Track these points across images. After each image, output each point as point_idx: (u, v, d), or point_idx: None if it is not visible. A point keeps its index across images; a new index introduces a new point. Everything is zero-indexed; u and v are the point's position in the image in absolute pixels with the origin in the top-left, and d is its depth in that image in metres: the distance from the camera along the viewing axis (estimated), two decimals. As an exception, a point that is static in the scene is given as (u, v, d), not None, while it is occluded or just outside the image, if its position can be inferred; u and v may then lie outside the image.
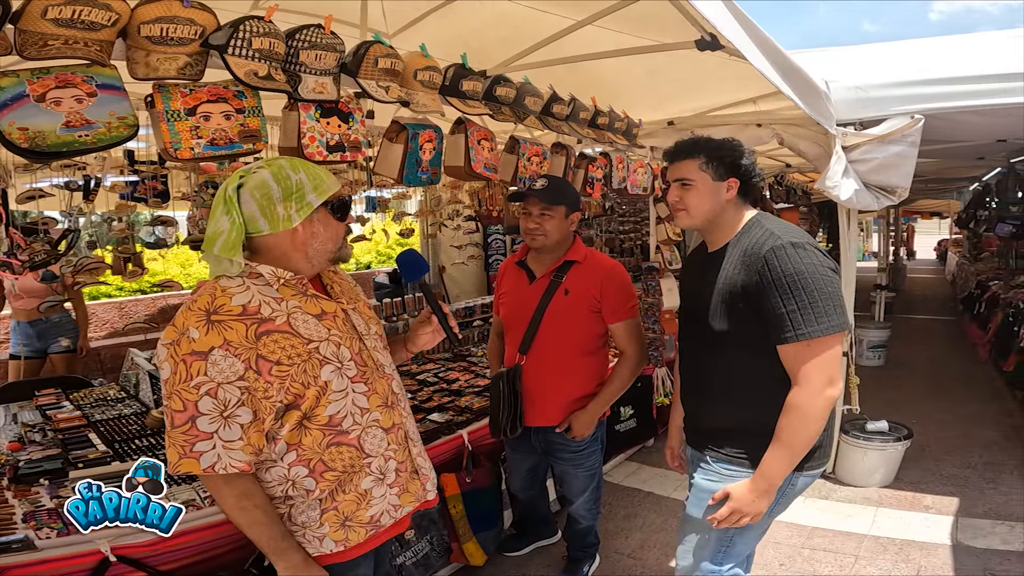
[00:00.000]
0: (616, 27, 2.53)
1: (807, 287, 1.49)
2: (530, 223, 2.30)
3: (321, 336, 1.39)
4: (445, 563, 2.69)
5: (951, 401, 4.96)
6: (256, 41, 1.47)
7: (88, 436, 2.67)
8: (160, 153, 1.49)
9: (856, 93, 3.09)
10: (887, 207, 3.31)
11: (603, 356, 2.45)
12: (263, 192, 1.33)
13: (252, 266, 1.37)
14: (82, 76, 1.29)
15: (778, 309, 1.52)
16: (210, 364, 1.24)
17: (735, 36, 1.93)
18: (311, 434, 1.38)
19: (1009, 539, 2.90)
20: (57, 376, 3.94)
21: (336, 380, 1.39)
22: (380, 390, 1.49)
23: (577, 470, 2.47)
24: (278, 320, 1.33)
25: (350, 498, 1.44)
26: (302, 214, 1.36)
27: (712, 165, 1.67)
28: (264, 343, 1.30)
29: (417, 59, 1.99)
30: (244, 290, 1.33)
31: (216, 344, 1.25)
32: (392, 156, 2.13)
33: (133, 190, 2.88)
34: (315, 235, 1.40)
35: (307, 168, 1.39)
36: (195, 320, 1.26)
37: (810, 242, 1.58)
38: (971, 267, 9.47)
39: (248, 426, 1.29)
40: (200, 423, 1.25)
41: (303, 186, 1.35)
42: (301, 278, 1.41)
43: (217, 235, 1.32)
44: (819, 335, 1.49)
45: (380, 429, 1.48)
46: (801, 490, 1.72)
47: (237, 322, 1.28)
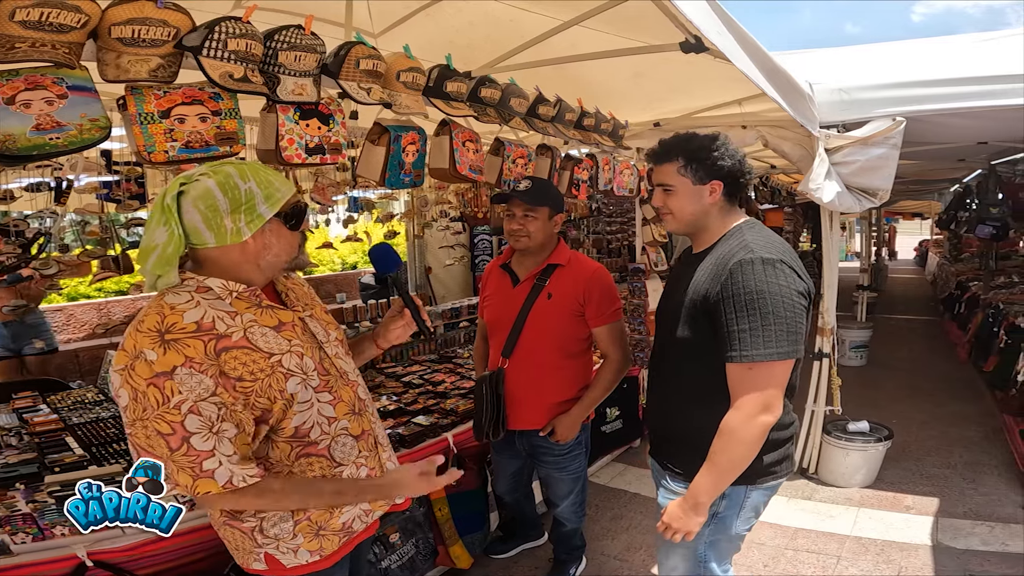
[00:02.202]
0: (602, 28, 2.51)
1: (763, 308, 1.45)
2: (513, 224, 2.30)
3: (282, 348, 1.32)
4: (431, 566, 2.68)
5: (932, 402, 5.03)
6: (232, 43, 1.44)
7: (65, 440, 2.62)
8: (134, 156, 1.45)
9: (839, 95, 3.11)
10: (869, 208, 3.33)
11: (587, 359, 2.45)
12: (208, 203, 1.22)
13: (199, 279, 1.28)
14: (52, 78, 1.25)
15: (731, 326, 1.48)
16: (179, 383, 1.16)
17: (719, 38, 1.92)
18: (278, 447, 1.34)
19: (989, 540, 2.93)
20: (35, 378, 3.87)
21: (301, 392, 1.33)
22: (346, 397, 1.45)
23: (561, 473, 2.47)
24: (235, 336, 1.25)
25: None
26: (253, 227, 1.26)
27: (691, 168, 1.61)
28: (224, 359, 1.22)
29: (400, 60, 1.97)
30: (194, 306, 1.24)
31: (178, 363, 1.17)
32: (374, 158, 2.10)
33: (109, 191, 2.83)
34: (267, 247, 1.32)
35: (257, 175, 1.28)
36: (148, 342, 1.17)
37: (786, 260, 1.52)
38: (951, 268, 9.61)
39: (235, 439, 1.23)
40: (195, 442, 1.17)
41: (253, 196, 1.25)
42: (254, 289, 1.34)
43: (151, 249, 1.23)
44: (762, 359, 1.45)
45: (350, 437, 1.44)
46: (759, 503, 1.69)
47: (194, 339, 1.20)
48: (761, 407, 1.48)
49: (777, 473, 1.66)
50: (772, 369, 1.47)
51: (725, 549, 1.77)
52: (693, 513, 1.59)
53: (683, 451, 1.67)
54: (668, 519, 1.63)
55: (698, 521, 1.60)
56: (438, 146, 2.37)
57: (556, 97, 2.82)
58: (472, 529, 2.77)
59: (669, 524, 1.62)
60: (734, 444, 1.51)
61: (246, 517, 1.36)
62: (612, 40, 2.63)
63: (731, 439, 1.51)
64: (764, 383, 1.47)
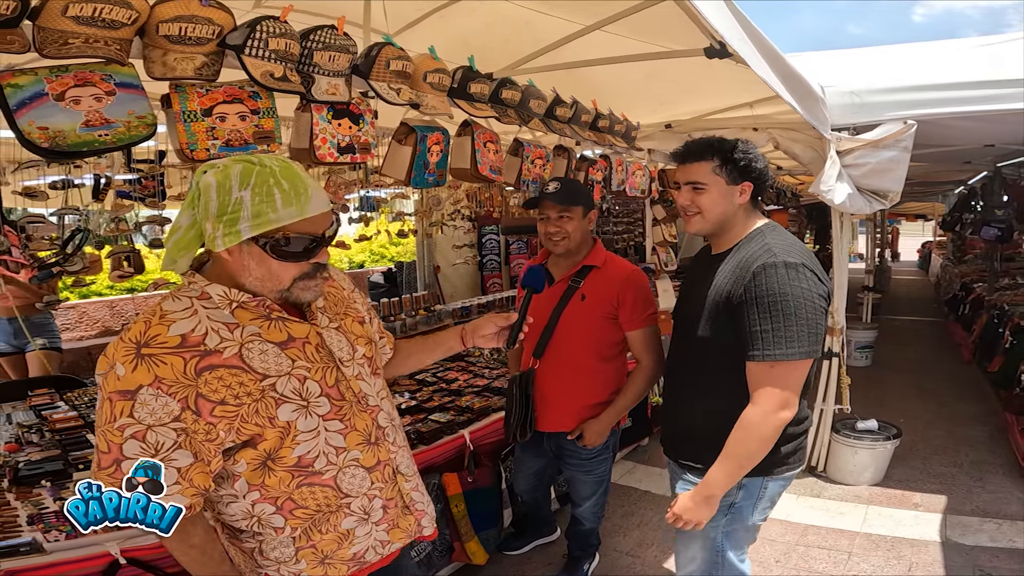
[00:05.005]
0: (621, 32, 2.53)
1: (785, 310, 1.49)
2: (550, 227, 2.25)
3: (280, 370, 1.20)
4: (447, 562, 2.70)
5: (937, 402, 5.06)
6: (273, 42, 1.47)
7: (86, 437, 2.64)
8: (176, 153, 1.48)
9: (851, 98, 3.14)
10: (879, 210, 3.37)
11: (619, 363, 2.39)
12: (204, 200, 1.12)
13: (203, 284, 1.19)
14: (100, 74, 1.28)
15: (753, 326, 1.52)
16: (138, 405, 1.08)
17: (740, 44, 1.96)
18: (276, 475, 1.23)
19: (997, 536, 2.96)
20: (49, 376, 3.89)
21: (302, 420, 1.22)
22: (360, 426, 1.32)
23: (587, 476, 2.46)
24: (226, 352, 1.15)
25: (329, 538, 1.31)
26: (227, 241, 1.11)
27: (726, 168, 1.64)
28: (205, 380, 1.12)
29: (427, 61, 2.00)
30: (190, 315, 1.15)
31: (145, 382, 1.08)
32: (400, 158, 2.13)
33: (132, 189, 2.86)
34: (246, 268, 1.17)
35: (263, 186, 1.11)
36: (123, 354, 1.09)
37: (807, 264, 1.56)
38: (955, 269, 9.62)
39: (187, 469, 1.13)
40: (124, 467, 1.08)
41: (240, 208, 1.10)
42: (262, 300, 1.20)
43: (175, 229, 1.17)
44: (784, 359, 1.49)
45: (361, 468, 1.32)
46: (775, 494, 1.73)
47: (173, 356, 1.10)
48: (780, 404, 1.52)
49: (792, 464, 1.71)
50: (792, 368, 1.52)
51: (741, 539, 1.81)
52: (705, 505, 1.62)
53: (705, 448, 1.69)
54: (679, 510, 1.66)
55: (709, 512, 1.63)
56: (460, 146, 2.40)
57: (572, 99, 2.85)
58: (487, 526, 2.78)
59: (680, 515, 1.66)
60: (751, 438, 1.55)
61: (245, 538, 1.30)
62: (630, 44, 2.66)
63: (749, 433, 1.55)
64: (784, 381, 1.52)
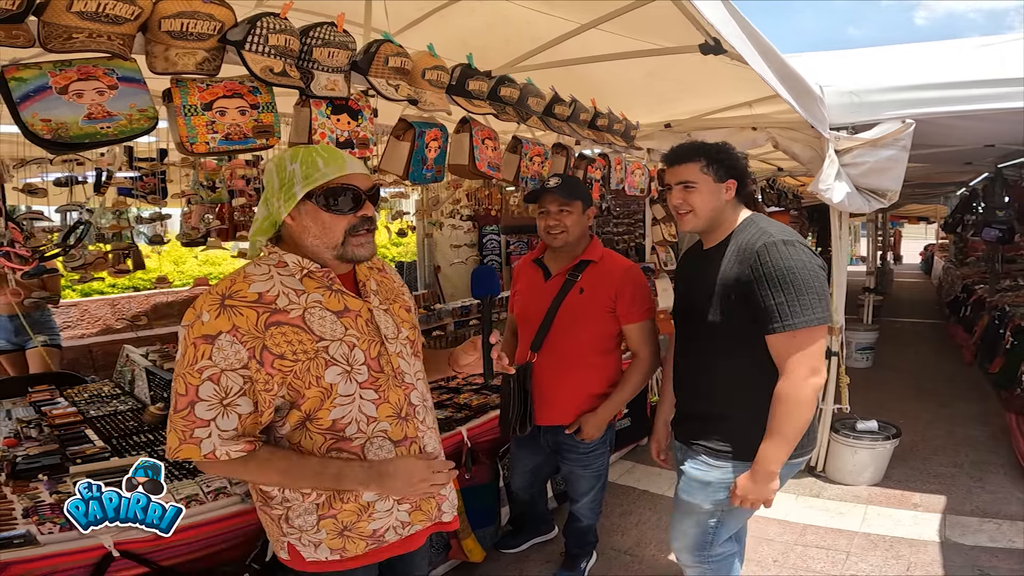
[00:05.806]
0: (617, 31, 2.55)
1: (795, 281, 1.59)
2: (549, 220, 2.28)
3: (335, 335, 1.34)
4: (444, 559, 2.70)
5: (937, 402, 5.05)
6: (273, 38, 1.49)
7: (85, 432, 2.66)
8: (176, 147, 1.50)
9: (850, 98, 3.15)
10: (876, 211, 3.38)
11: (616, 357, 2.42)
12: (268, 181, 1.35)
13: (280, 254, 1.36)
14: (103, 69, 1.30)
15: (767, 301, 1.61)
16: (216, 349, 1.22)
17: (737, 41, 1.98)
18: (312, 438, 1.34)
19: (997, 537, 2.96)
20: (50, 372, 3.91)
21: (343, 384, 1.33)
22: (393, 400, 1.41)
23: (585, 471, 2.47)
24: (292, 313, 1.30)
25: (350, 508, 1.38)
26: (288, 206, 1.30)
27: (713, 167, 1.76)
28: (271, 334, 1.26)
29: (425, 58, 2.02)
30: (267, 279, 1.32)
31: (224, 329, 1.23)
32: (398, 154, 2.15)
33: (134, 187, 2.88)
34: (306, 229, 1.34)
35: (308, 156, 1.31)
36: (210, 304, 1.25)
37: (800, 240, 1.68)
38: (957, 271, 9.62)
39: (246, 416, 1.26)
40: (198, 409, 1.23)
41: (294, 177, 1.30)
42: (327, 271, 1.37)
43: (256, 220, 1.36)
44: (803, 326, 1.58)
45: (388, 440, 1.40)
46: (787, 475, 1.80)
47: (249, 309, 1.26)
48: (809, 370, 1.61)
49: (806, 448, 1.78)
50: (813, 334, 1.60)
51: (733, 525, 1.90)
52: (765, 482, 1.69)
53: (722, 429, 1.78)
54: (742, 492, 1.71)
55: (773, 488, 1.70)
56: (458, 143, 2.42)
57: (571, 97, 2.86)
58: (484, 523, 2.79)
59: (744, 497, 1.71)
60: (793, 409, 1.62)
61: (275, 504, 1.38)
62: (626, 42, 2.67)
63: (789, 405, 1.62)
64: (807, 348, 1.60)
